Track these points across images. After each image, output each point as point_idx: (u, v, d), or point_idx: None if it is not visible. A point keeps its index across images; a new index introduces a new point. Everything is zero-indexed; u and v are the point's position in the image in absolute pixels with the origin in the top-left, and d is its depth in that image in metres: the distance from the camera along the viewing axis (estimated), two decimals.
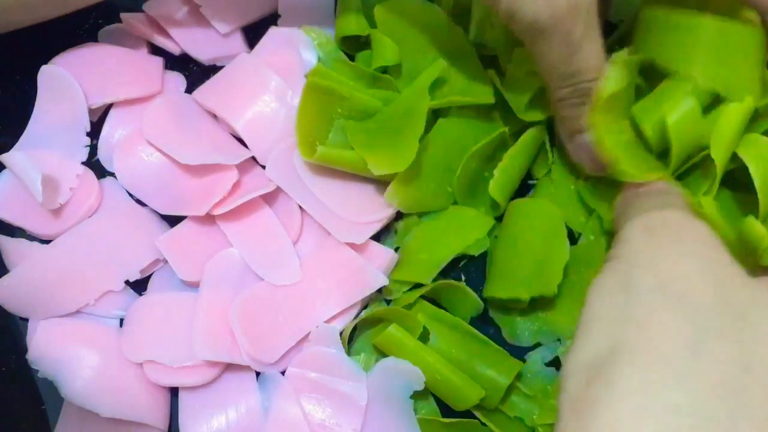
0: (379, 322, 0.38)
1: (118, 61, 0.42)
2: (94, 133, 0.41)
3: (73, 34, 0.42)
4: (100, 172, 0.41)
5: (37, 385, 0.38)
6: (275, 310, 0.37)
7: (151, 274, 0.39)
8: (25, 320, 0.39)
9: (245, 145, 0.40)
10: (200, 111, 0.41)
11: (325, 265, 0.38)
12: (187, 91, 0.42)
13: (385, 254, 0.38)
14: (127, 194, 0.40)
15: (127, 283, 0.39)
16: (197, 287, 0.38)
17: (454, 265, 0.39)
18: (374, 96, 0.39)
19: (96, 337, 0.37)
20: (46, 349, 0.37)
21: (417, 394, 0.36)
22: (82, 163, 0.40)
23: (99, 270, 0.38)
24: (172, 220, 0.40)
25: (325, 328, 0.37)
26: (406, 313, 0.37)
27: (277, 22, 0.43)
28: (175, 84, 0.43)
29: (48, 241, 0.39)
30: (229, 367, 0.37)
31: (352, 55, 0.42)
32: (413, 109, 0.37)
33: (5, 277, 0.37)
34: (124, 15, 0.42)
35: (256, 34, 0.43)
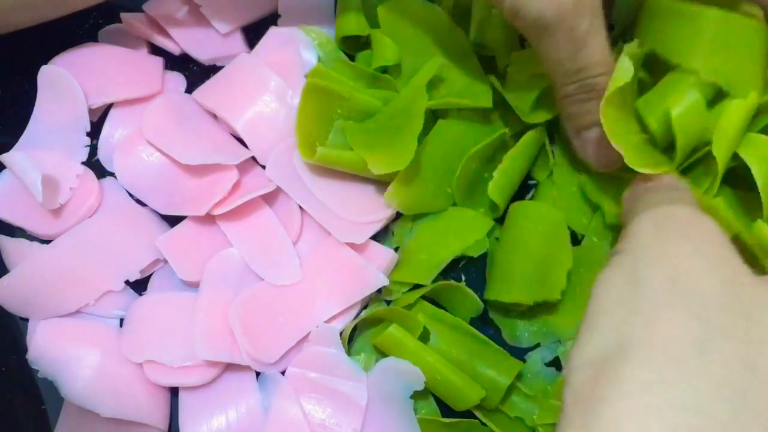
0: (379, 322, 0.38)
1: (118, 61, 0.42)
2: (94, 133, 0.41)
3: (73, 34, 0.42)
4: (100, 172, 0.41)
5: (37, 385, 0.38)
6: (275, 310, 0.37)
7: (151, 274, 0.39)
8: (25, 320, 0.39)
9: (245, 145, 0.40)
10: (200, 111, 0.41)
11: (325, 265, 0.38)
12: (187, 91, 0.42)
13: (385, 254, 0.38)
14: (127, 194, 0.40)
15: (127, 283, 0.39)
16: (197, 287, 0.38)
17: (454, 265, 0.39)
18: (374, 96, 0.39)
19: (96, 337, 0.37)
20: (46, 349, 0.37)
21: (417, 394, 0.36)
22: (82, 163, 0.40)
23: (99, 270, 0.38)
24: (172, 220, 0.40)
25: (325, 328, 0.37)
26: (406, 314, 0.37)
27: (277, 22, 0.43)
28: (175, 84, 0.43)
29: (48, 241, 0.39)
30: (229, 367, 0.37)
31: (352, 55, 0.42)
32: (411, 107, 0.37)
33: (5, 277, 0.37)
34: (124, 15, 0.42)
35: (256, 34, 0.43)
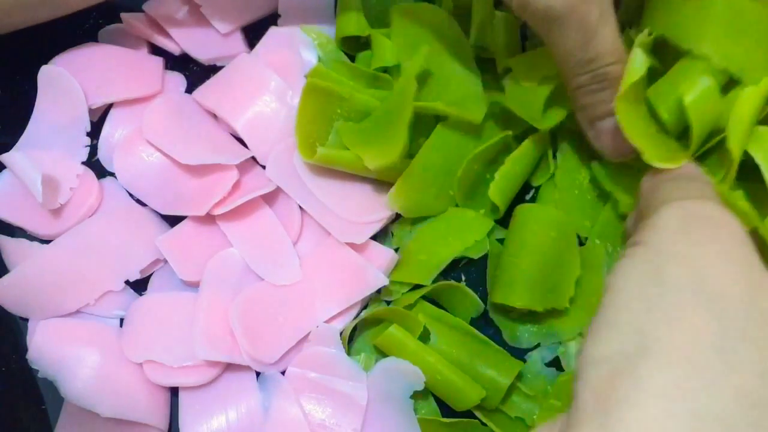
0: (380, 323, 0.38)
1: (118, 61, 0.42)
2: (94, 133, 0.41)
3: (73, 34, 0.42)
4: (100, 172, 0.41)
5: (38, 385, 0.39)
6: (275, 310, 0.37)
7: (151, 274, 0.39)
8: (25, 320, 0.39)
9: (245, 145, 0.40)
10: (200, 111, 0.41)
11: (325, 265, 0.38)
12: (187, 91, 0.42)
13: (385, 254, 0.38)
14: (127, 194, 0.40)
15: (127, 283, 0.39)
16: (197, 287, 0.38)
17: (454, 265, 0.39)
18: (374, 96, 0.39)
19: (96, 337, 0.37)
20: (46, 349, 0.37)
21: (417, 394, 0.36)
22: (82, 163, 0.40)
23: (99, 270, 0.38)
24: (172, 220, 0.40)
25: (325, 328, 0.37)
26: (406, 314, 0.37)
27: (277, 22, 0.43)
28: (175, 84, 0.43)
29: (48, 241, 0.39)
30: (229, 367, 0.37)
31: (352, 55, 0.42)
32: (401, 99, 0.36)
33: (5, 277, 0.37)
34: (124, 15, 0.42)
35: (256, 34, 0.43)
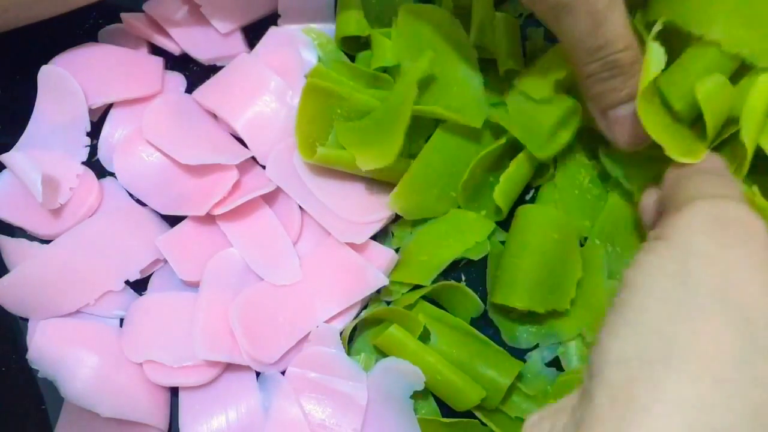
0: (380, 323, 0.38)
1: (118, 61, 0.42)
2: (94, 133, 0.41)
3: (73, 34, 0.42)
4: (100, 172, 0.41)
5: (38, 385, 0.39)
6: (275, 310, 0.37)
7: (151, 274, 0.39)
8: (25, 320, 0.39)
9: (245, 145, 0.40)
10: (200, 111, 0.41)
11: (325, 265, 0.38)
12: (187, 91, 0.42)
13: (386, 254, 0.38)
14: (127, 194, 0.40)
15: (127, 283, 0.39)
16: (197, 287, 0.38)
17: (454, 266, 0.39)
18: (373, 96, 0.39)
19: (96, 337, 0.37)
20: (46, 349, 0.37)
21: (417, 394, 0.36)
22: (82, 163, 0.40)
23: (99, 270, 0.38)
24: (172, 220, 0.40)
25: (325, 328, 0.37)
26: (406, 314, 0.37)
27: (277, 22, 0.43)
28: (175, 84, 0.43)
29: (48, 241, 0.39)
30: (229, 367, 0.37)
31: (353, 55, 0.42)
32: (400, 103, 0.36)
33: (5, 277, 0.37)
34: (124, 15, 0.42)
35: (256, 34, 0.43)
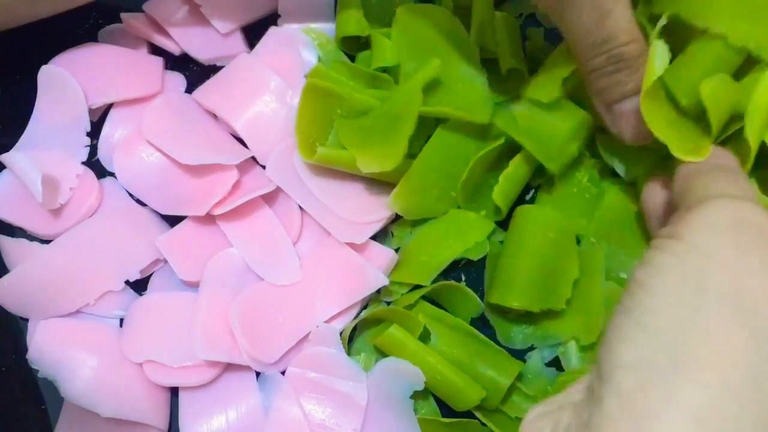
0: (380, 323, 0.38)
1: (118, 61, 0.42)
2: (94, 133, 0.41)
3: (73, 34, 0.42)
4: (100, 172, 0.41)
5: (38, 385, 0.39)
6: (275, 310, 0.37)
7: (151, 274, 0.39)
8: (25, 320, 0.39)
9: (245, 145, 0.40)
10: (200, 111, 0.41)
11: (325, 265, 0.38)
12: (187, 91, 0.42)
13: (385, 254, 0.38)
14: (127, 194, 0.40)
15: (127, 283, 0.39)
16: (197, 287, 0.38)
17: (454, 265, 0.39)
18: (373, 96, 0.39)
19: (96, 337, 0.37)
20: (46, 349, 0.37)
21: (417, 394, 0.36)
22: (82, 163, 0.40)
23: (99, 270, 0.38)
24: (172, 220, 0.40)
25: (325, 328, 0.37)
26: (406, 314, 0.37)
27: (277, 22, 0.43)
28: (175, 84, 0.43)
29: (48, 241, 0.39)
30: (229, 367, 0.37)
31: (353, 55, 0.42)
32: (405, 108, 0.36)
33: (5, 277, 0.37)
34: (124, 15, 0.42)
35: (256, 34, 0.43)
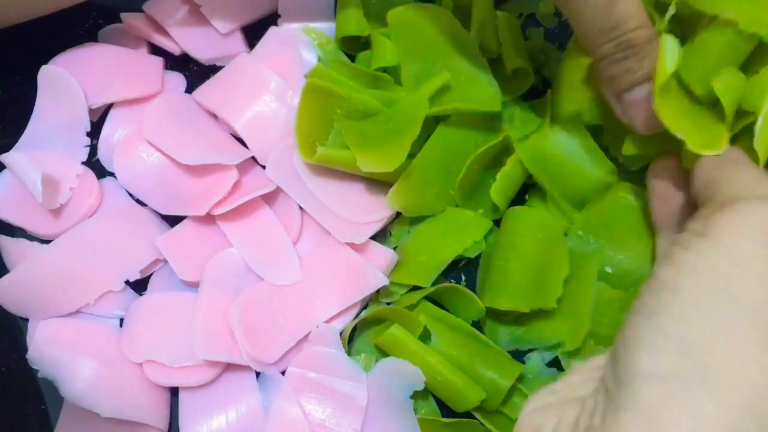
0: (380, 322, 0.38)
1: (118, 61, 0.42)
2: (94, 133, 0.41)
3: (73, 34, 0.42)
4: (100, 172, 0.41)
5: (38, 385, 0.39)
6: (275, 310, 0.37)
7: (151, 274, 0.39)
8: (25, 320, 0.39)
9: (245, 145, 0.40)
10: (200, 111, 0.41)
11: (325, 265, 0.38)
12: (187, 91, 0.42)
13: (385, 254, 0.38)
14: (127, 194, 0.40)
15: (127, 283, 0.39)
16: (197, 287, 0.38)
17: (454, 265, 0.39)
18: (374, 96, 0.39)
19: (96, 337, 0.37)
20: (46, 349, 0.37)
21: (417, 394, 0.36)
22: (82, 163, 0.40)
23: (99, 270, 0.38)
24: (172, 220, 0.40)
25: (325, 328, 0.37)
26: (407, 313, 0.37)
27: (277, 22, 0.43)
28: (175, 84, 0.43)
29: (48, 241, 0.39)
30: (229, 367, 0.37)
31: (353, 55, 0.42)
32: (411, 114, 0.37)
33: (5, 277, 0.37)
34: (124, 15, 0.42)
35: (256, 34, 0.43)
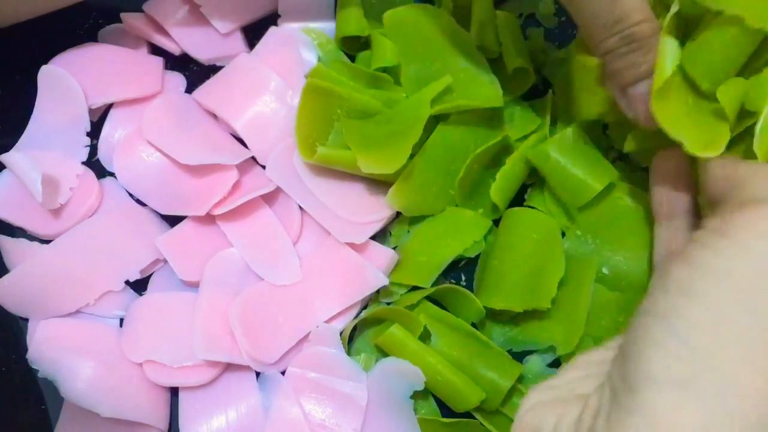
0: (380, 322, 0.38)
1: (118, 61, 0.42)
2: (94, 133, 0.41)
3: (73, 34, 0.43)
4: (100, 172, 0.41)
5: (38, 385, 0.39)
6: (275, 310, 0.37)
7: (151, 274, 0.39)
8: (25, 320, 0.39)
9: (245, 145, 0.40)
10: (200, 111, 0.41)
11: (325, 265, 0.38)
12: (187, 91, 0.42)
13: (385, 254, 0.38)
14: (127, 194, 0.40)
15: (127, 283, 0.39)
16: (197, 287, 0.38)
17: (454, 265, 0.39)
18: (374, 96, 0.39)
19: (96, 337, 0.37)
20: (46, 349, 0.37)
21: (417, 394, 0.36)
22: (82, 163, 0.40)
23: (99, 270, 0.38)
24: (172, 220, 0.40)
25: (325, 328, 0.37)
26: (407, 313, 0.37)
27: (277, 22, 0.43)
28: (175, 84, 0.43)
29: (48, 241, 0.39)
30: (229, 367, 0.37)
31: (352, 55, 0.42)
32: (413, 116, 0.37)
33: (5, 277, 0.37)
34: (124, 15, 0.42)
35: (256, 34, 0.43)
